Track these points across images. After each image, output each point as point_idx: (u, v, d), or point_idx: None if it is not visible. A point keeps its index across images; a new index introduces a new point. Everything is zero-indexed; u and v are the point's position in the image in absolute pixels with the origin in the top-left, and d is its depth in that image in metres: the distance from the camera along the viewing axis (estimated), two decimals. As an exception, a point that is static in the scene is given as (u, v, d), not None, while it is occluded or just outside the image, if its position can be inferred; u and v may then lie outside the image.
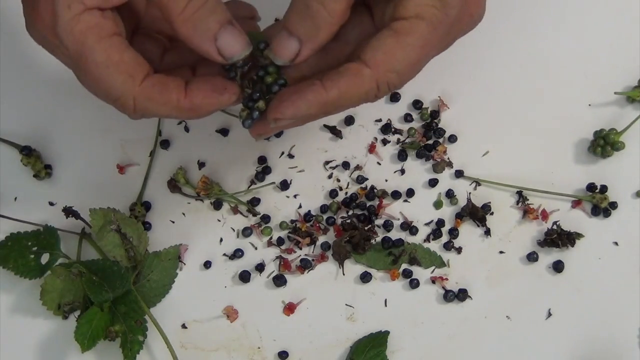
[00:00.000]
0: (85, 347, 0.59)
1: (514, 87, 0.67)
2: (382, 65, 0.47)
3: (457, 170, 0.66)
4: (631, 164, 0.65)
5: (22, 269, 0.62)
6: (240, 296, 0.65)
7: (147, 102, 0.48)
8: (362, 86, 0.48)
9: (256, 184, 0.66)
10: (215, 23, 0.47)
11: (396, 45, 0.47)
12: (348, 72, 0.48)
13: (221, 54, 0.48)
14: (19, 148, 0.66)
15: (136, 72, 0.48)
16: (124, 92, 0.48)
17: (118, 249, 0.63)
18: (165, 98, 0.48)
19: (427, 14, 0.47)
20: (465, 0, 0.48)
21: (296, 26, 0.47)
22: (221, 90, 0.49)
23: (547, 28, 0.67)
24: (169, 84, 0.48)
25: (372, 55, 0.47)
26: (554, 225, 0.64)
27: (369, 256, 0.64)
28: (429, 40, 0.48)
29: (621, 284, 0.63)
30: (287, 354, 0.63)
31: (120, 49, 0.48)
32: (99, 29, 0.47)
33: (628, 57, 0.66)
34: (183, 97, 0.48)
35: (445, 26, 0.48)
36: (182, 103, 0.48)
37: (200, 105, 0.48)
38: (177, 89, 0.48)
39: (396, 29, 0.47)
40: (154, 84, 0.48)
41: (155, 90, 0.48)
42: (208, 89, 0.49)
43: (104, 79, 0.48)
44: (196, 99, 0.48)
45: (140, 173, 0.67)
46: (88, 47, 0.47)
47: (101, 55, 0.47)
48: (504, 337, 0.63)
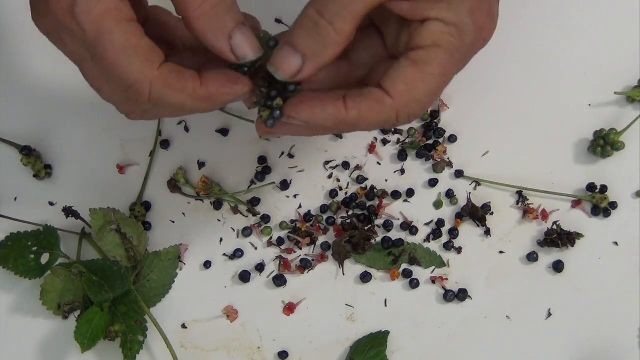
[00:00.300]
0: (85, 347, 0.59)
1: (514, 87, 0.67)
2: (404, 96, 0.48)
3: (457, 170, 0.66)
4: (631, 164, 0.65)
5: (22, 269, 0.62)
6: (240, 296, 0.65)
7: (163, 88, 0.47)
8: (382, 113, 0.48)
9: (256, 184, 0.66)
10: (232, 22, 0.47)
11: (416, 75, 0.48)
12: (371, 97, 0.48)
13: (234, 53, 0.48)
14: (19, 148, 0.66)
15: (154, 57, 0.47)
16: (142, 76, 0.47)
17: (118, 249, 0.63)
18: (182, 85, 0.48)
19: (444, 42, 0.48)
20: (479, 27, 0.49)
21: (302, 42, 0.47)
22: (235, 81, 0.48)
23: (547, 28, 0.67)
24: (185, 72, 0.48)
25: (392, 85, 0.48)
26: (554, 225, 0.64)
27: (369, 256, 0.64)
28: (448, 68, 0.48)
29: (621, 284, 0.63)
30: (287, 354, 0.64)
31: (138, 34, 0.47)
32: (118, 12, 0.46)
33: (628, 57, 0.66)
34: (199, 85, 0.48)
35: (462, 53, 0.49)
36: (198, 91, 0.48)
37: (216, 94, 0.48)
38: (192, 78, 0.48)
39: (415, 59, 0.48)
40: (170, 70, 0.48)
41: (172, 77, 0.47)
42: (223, 79, 0.48)
43: (122, 63, 0.47)
44: (212, 87, 0.48)
45: (140, 173, 0.67)
46: (107, 29, 0.46)
47: (120, 38, 0.46)
48: (504, 337, 0.63)
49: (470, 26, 0.48)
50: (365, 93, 0.48)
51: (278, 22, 0.67)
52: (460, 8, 0.48)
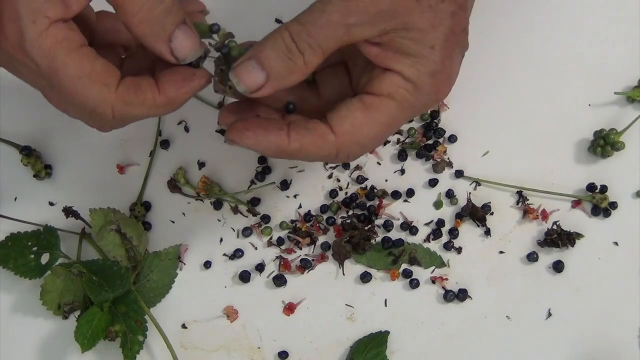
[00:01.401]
0: (85, 347, 0.59)
1: (514, 87, 0.67)
2: (347, 136, 0.49)
3: (457, 170, 0.66)
4: (631, 164, 0.65)
5: (22, 269, 0.62)
6: (240, 296, 0.65)
7: (125, 107, 0.49)
8: (323, 149, 0.49)
9: (256, 184, 0.66)
10: (171, 25, 0.48)
11: (364, 120, 0.49)
12: (315, 131, 0.49)
13: (174, 55, 0.48)
14: (19, 148, 0.66)
15: (110, 79, 0.48)
16: (101, 101, 0.48)
17: (118, 249, 0.63)
18: (141, 99, 0.49)
19: (398, 96, 0.49)
20: (436, 89, 0.50)
21: (270, 62, 0.48)
22: (191, 77, 0.49)
23: (547, 28, 0.67)
24: (142, 84, 0.49)
25: (339, 124, 0.49)
26: (554, 225, 0.64)
27: (369, 256, 0.64)
28: (395, 119, 0.50)
29: (621, 284, 0.63)
30: (287, 354, 0.64)
31: (91, 59, 0.48)
32: (68, 41, 0.47)
33: (628, 57, 0.66)
34: (157, 94, 0.49)
35: (413, 109, 0.50)
36: (158, 100, 0.49)
37: (175, 97, 0.49)
38: (150, 88, 0.49)
39: (366, 103, 0.49)
40: (128, 87, 0.49)
41: (130, 94, 0.48)
42: (178, 79, 0.49)
43: (80, 91, 0.48)
44: (170, 92, 0.49)
45: (140, 173, 0.67)
46: (60, 61, 0.47)
47: (74, 68, 0.47)
48: (504, 337, 0.63)
49: (428, 87, 0.50)
50: (310, 127, 0.49)
51: (278, 22, 0.67)
52: (422, 69, 0.49)
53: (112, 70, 0.49)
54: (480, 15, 0.67)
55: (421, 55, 0.49)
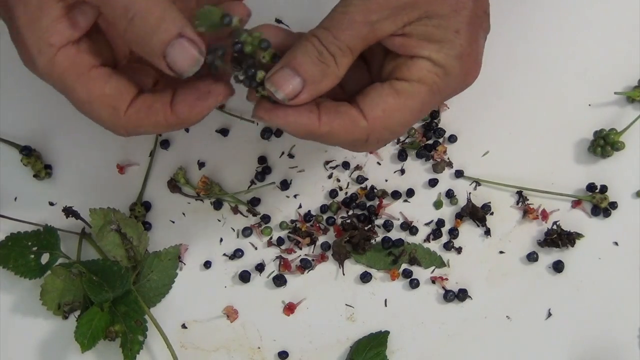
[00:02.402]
0: (85, 347, 0.59)
1: (514, 87, 0.66)
2: (379, 121, 0.49)
3: (457, 170, 0.66)
4: (631, 164, 0.65)
5: (22, 269, 0.62)
6: (240, 296, 0.65)
7: (136, 128, 0.49)
8: (354, 134, 0.49)
9: (256, 184, 0.66)
10: (160, 43, 0.46)
11: (395, 105, 0.49)
12: (345, 116, 0.49)
13: (172, 70, 0.47)
14: (19, 148, 0.66)
15: (120, 102, 0.48)
16: (112, 123, 0.49)
17: (118, 249, 0.63)
18: (152, 121, 0.49)
19: (429, 80, 0.49)
20: (465, 72, 0.50)
21: (305, 68, 0.48)
22: (205, 96, 0.49)
23: (547, 28, 0.67)
24: (154, 105, 0.49)
25: (371, 110, 0.49)
26: (554, 225, 0.64)
27: (369, 256, 0.64)
28: (426, 105, 0.50)
29: (621, 284, 0.63)
30: (287, 354, 0.64)
31: (102, 82, 0.48)
32: (76, 66, 0.48)
33: (628, 57, 0.66)
34: (169, 114, 0.48)
35: (443, 94, 0.51)
36: (169, 120, 0.49)
37: (188, 116, 0.49)
38: (162, 108, 0.49)
39: (397, 88, 0.49)
40: (139, 109, 0.49)
41: (141, 116, 0.49)
42: (192, 98, 0.49)
43: (92, 112, 0.49)
44: (182, 113, 0.49)
45: (140, 173, 0.67)
46: (69, 87, 0.48)
47: (82, 93, 0.48)
48: (504, 337, 0.63)
49: (457, 70, 0.50)
50: (342, 111, 0.49)
51: (278, 22, 0.67)
52: (450, 52, 0.49)
53: (124, 90, 0.49)
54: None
55: (447, 40, 0.49)
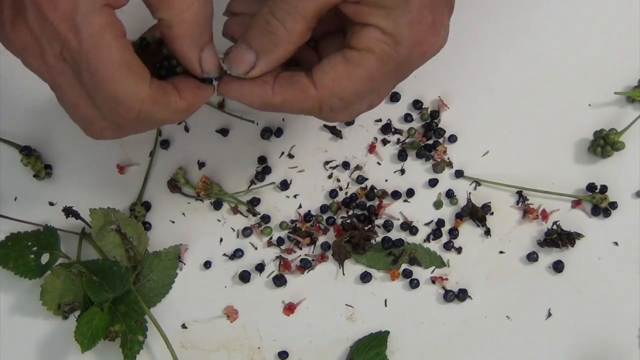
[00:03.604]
0: (85, 347, 0.59)
1: (514, 87, 0.67)
2: (327, 90, 0.50)
3: (457, 170, 0.66)
4: (631, 164, 0.65)
5: (22, 269, 0.62)
6: (240, 296, 0.65)
7: (152, 106, 0.49)
8: (305, 103, 0.50)
9: (256, 184, 0.66)
10: (207, 35, 0.49)
11: (344, 74, 0.49)
12: (296, 85, 0.50)
13: (202, 66, 0.50)
14: (19, 148, 0.66)
15: (145, 75, 0.48)
16: (134, 94, 0.48)
17: (118, 249, 0.63)
18: (166, 101, 0.49)
19: (377, 49, 0.49)
20: (417, 40, 0.49)
21: (255, 40, 0.49)
22: (204, 86, 0.51)
23: (547, 28, 0.67)
24: (167, 88, 0.49)
25: (320, 78, 0.49)
26: (554, 225, 0.64)
27: (369, 256, 0.64)
28: (375, 74, 0.50)
29: (621, 284, 0.63)
30: (287, 354, 0.64)
31: (131, 51, 0.48)
32: (115, 26, 0.47)
33: (628, 57, 0.66)
34: (179, 99, 0.50)
35: (393, 63, 0.50)
36: (179, 105, 0.50)
37: (193, 103, 0.50)
38: (173, 92, 0.50)
39: (347, 57, 0.49)
40: (157, 87, 0.49)
41: (159, 94, 0.49)
42: (193, 87, 0.50)
43: (116, 78, 0.47)
44: (189, 98, 0.50)
45: (140, 173, 0.67)
46: (106, 42, 0.46)
47: (117, 54, 0.47)
48: (504, 337, 0.63)
49: (407, 38, 0.49)
50: (294, 80, 0.50)
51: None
52: (399, 19, 0.49)
53: (145, 68, 0.49)
54: (480, 15, 0.67)
55: (396, 7, 0.48)
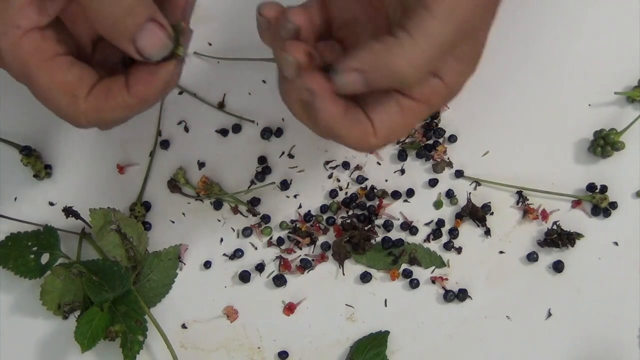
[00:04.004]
0: (85, 347, 0.59)
1: (514, 87, 0.66)
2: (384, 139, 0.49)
3: (457, 170, 0.66)
4: (631, 164, 0.65)
5: (22, 269, 0.62)
6: (240, 296, 0.65)
7: (96, 113, 0.49)
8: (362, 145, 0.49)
9: (256, 184, 0.66)
10: (133, 25, 0.47)
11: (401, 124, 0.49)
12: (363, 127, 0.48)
13: (141, 55, 0.47)
14: (19, 148, 0.66)
15: (80, 89, 0.48)
16: (72, 111, 0.49)
17: (118, 249, 0.63)
18: (112, 104, 0.49)
19: (434, 102, 0.49)
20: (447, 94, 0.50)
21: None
22: (156, 70, 0.48)
23: (547, 28, 0.67)
24: (113, 88, 0.49)
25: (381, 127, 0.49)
26: (554, 225, 0.64)
27: (369, 256, 0.64)
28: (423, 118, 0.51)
29: (621, 284, 0.63)
30: (287, 354, 0.64)
31: (63, 69, 0.48)
32: (40, 52, 0.48)
33: (628, 57, 0.66)
34: (127, 95, 0.49)
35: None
36: (129, 102, 0.49)
37: (146, 94, 0.49)
38: (120, 90, 0.49)
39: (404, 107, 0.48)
40: (98, 94, 0.49)
41: (101, 100, 0.49)
42: (145, 74, 0.49)
43: (50, 100, 0.49)
44: (139, 92, 0.49)
45: (140, 173, 0.67)
46: (31, 72, 0.48)
47: (44, 79, 0.48)
48: (504, 337, 0.63)
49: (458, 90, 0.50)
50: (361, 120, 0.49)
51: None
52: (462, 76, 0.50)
53: (85, 77, 0.49)
54: (480, 15, 0.67)
55: (467, 63, 0.49)
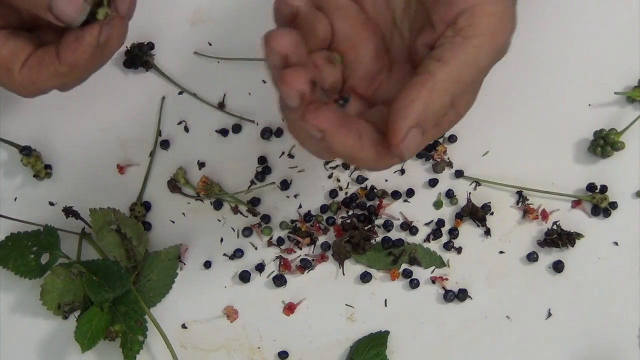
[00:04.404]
0: (85, 347, 0.59)
1: (514, 87, 0.66)
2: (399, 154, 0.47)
3: (457, 170, 0.66)
4: (631, 164, 0.65)
5: (22, 269, 0.62)
6: (240, 296, 0.65)
7: (32, 85, 0.50)
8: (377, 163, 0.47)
9: (256, 184, 0.66)
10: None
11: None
12: (375, 146, 0.46)
13: (60, 20, 0.47)
14: (19, 148, 0.66)
15: (13, 63, 0.49)
16: (8, 83, 0.50)
17: (118, 249, 0.63)
18: (44, 74, 0.49)
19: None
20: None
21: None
22: (82, 34, 0.48)
23: (547, 28, 0.67)
24: (45, 58, 0.49)
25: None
26: (554, 225, 0.64)
27: (369, 256, 0.64)
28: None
29: (621, 284, 0.63)
30: (287, 354, 0.64)
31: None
32: None
33: (628, 57, 0.66)
34: (58, 64, 0.49)
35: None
36: (61, 69, 0.49)
37: (75, 61, 0.49)
38: (51, 60, 0.49)
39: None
40: (31, 66, 0.49)
41: (34, 72, 0.49)
42: (71, 41, 0.48)
43: None
44: (68, 58, 0.49)
45: (140, 173, 0.67)
46: None
47: None
48: (504, 337, 0.63)
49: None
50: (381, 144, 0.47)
51: (278, 22, 0.67)
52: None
53: (18, 51, 0.49)
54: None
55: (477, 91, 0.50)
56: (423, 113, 0.45)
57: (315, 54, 0.48)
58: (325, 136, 0.45)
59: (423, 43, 0.48)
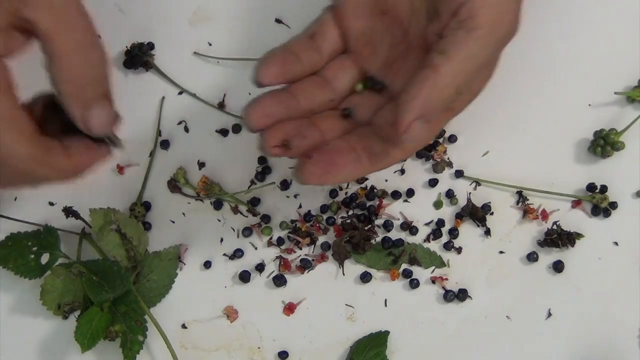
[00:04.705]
0: (85, 347, 0.59)
1: (514, 88, 0.66)
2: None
3: (457, 170, 0.66)
4: (631, 164, 0.65)
5: (22, 269, 0.62)
6: (240, 296, 0.65)
7: (33, 164, 0.47)
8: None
9: (256, 184, 0.66)
10: (93, 92, 0.47)
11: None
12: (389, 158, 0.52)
13: (85, 123, 0.47)
14: (19, 148, 0.66)
15: (27, 131, 0.47)
16: (13, 151, 0.46)
17: (118, 249, 0.63)
18: (50, 161, 0.48)
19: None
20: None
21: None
22: (93, 146, 0.49)
23: (547, 28, 0.67)
24: (53, 147, 0.48)
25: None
26: (554, 225, 0.64)
27: (369, 256, 0.64)
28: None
29: (621, 284, 0.63)
30: (287, 354, 0.64)
31: (13, 105, 0.46)
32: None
33: (628, 57, 0.66)
34: (65, 159, 0.48)
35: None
36: (64, 165, 0.48)
37: (80, 165, 0.49)
38: (60, 153, 0.48)
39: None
40: (40, 146, 0.47)
41: (42, 153, 0.47)
42: (84, 148, 0.49)
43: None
44: (76, 160, 0.49)
45: (140, 173, 0.67)
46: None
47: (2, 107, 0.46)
48: (504, 337, 0.63)
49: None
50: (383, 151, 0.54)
51: (278, 22, 0.67)
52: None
53: (28, 123, 0.47)
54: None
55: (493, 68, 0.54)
56: (426, 107, 0.47)
57: (328, 63, 0.53)
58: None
59: (433, 31, 0.49)
